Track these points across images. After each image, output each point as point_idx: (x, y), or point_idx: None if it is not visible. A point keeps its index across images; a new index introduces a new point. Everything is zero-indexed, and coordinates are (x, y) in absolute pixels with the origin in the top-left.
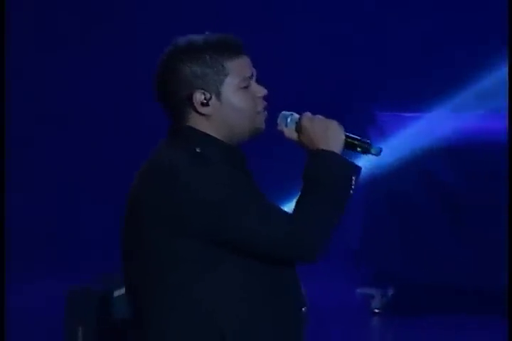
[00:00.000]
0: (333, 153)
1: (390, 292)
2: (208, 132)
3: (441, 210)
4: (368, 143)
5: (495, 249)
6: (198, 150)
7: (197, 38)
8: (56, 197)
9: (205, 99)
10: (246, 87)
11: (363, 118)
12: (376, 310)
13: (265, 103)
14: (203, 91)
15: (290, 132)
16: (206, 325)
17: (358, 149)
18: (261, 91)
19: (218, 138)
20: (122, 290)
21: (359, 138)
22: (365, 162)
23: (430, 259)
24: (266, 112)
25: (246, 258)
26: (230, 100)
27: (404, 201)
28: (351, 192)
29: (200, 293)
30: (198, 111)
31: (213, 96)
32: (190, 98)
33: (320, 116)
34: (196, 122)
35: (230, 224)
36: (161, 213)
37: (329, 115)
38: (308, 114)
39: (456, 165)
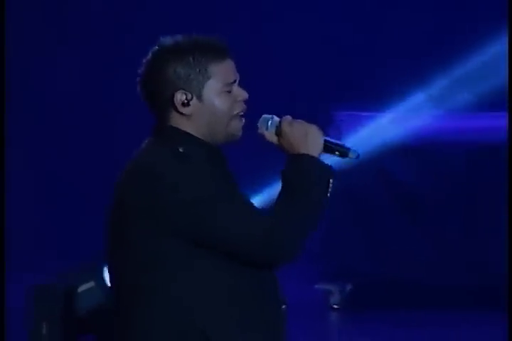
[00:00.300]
0: (311, 157)
1: (349, 287)
2: (190, 132)
3: (400, 208)
4: (346, 147)
5: (453, 245)
6: (180, 149)
7: (183, 39)
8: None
9: (186, 99)
10: (229, 91)
11: (320, 117)
12: (335, 306)
13: (245, 106)
14: (184, 91)
15: (270, 135)
16: (186, 324)
17: (336, 153)
18: (242, 95)
19: (199, 138)
20: (86, 286)
21: (338, 142)
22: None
23: (388, 255)
24: (243, 119)
25: (225, 258)
26: (211, 102)
27: (362, 198)
28: (328, 195)
29: (179, 291)
30: (179, 111)
31: (194, 97)
32: (172, 98)
33: (300, 121)
34: (178, 122)
35: (208, 224)
36: (144, 213)
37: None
38: (288, 117)
39: (412, 165)
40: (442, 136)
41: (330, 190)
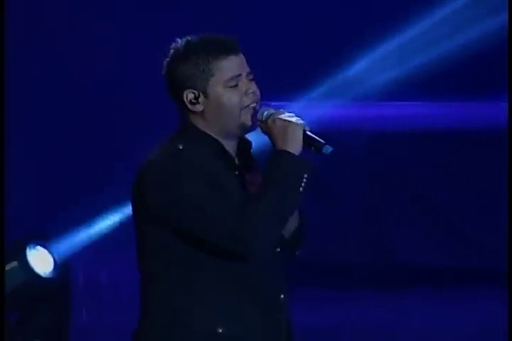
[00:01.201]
0: (288, 153)
1: None
2: (204, 129)
3: (304, 190)
4: (321, 143)
5: (352, 226)
6: (180, 147)
7: (192, 39)
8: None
9: (194, 97)
10: (235, 86)
11: None
12: None
13: (256, 98)
14: (191, 90)
15: (262, 127)
16: (170, 312)
17: (312, 148)
18: (251, 87)
19: (212, 134)
20: (9, 266)
21: (315, 137)
22: None
23: None
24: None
25: (211, 250)
26: (217, 98)
27: None
28: (301, 189)
29: (168, 282)
30: (191, 110)
31: (201, 95)
32: (183, 97)
33: (285, 114)
34: (193, 119)
35: (187, 216)
36: (137, 207)
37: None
38: (276, 111)
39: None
40: (345, 124)
41: (303, 184)
